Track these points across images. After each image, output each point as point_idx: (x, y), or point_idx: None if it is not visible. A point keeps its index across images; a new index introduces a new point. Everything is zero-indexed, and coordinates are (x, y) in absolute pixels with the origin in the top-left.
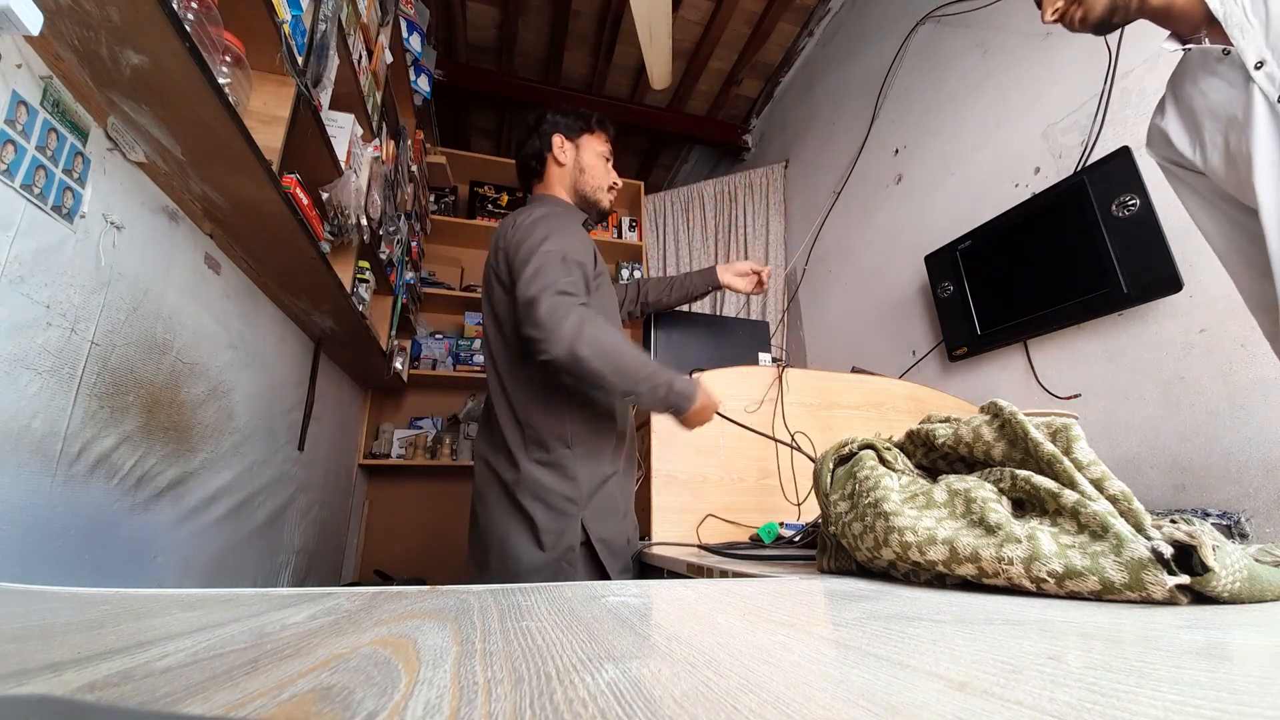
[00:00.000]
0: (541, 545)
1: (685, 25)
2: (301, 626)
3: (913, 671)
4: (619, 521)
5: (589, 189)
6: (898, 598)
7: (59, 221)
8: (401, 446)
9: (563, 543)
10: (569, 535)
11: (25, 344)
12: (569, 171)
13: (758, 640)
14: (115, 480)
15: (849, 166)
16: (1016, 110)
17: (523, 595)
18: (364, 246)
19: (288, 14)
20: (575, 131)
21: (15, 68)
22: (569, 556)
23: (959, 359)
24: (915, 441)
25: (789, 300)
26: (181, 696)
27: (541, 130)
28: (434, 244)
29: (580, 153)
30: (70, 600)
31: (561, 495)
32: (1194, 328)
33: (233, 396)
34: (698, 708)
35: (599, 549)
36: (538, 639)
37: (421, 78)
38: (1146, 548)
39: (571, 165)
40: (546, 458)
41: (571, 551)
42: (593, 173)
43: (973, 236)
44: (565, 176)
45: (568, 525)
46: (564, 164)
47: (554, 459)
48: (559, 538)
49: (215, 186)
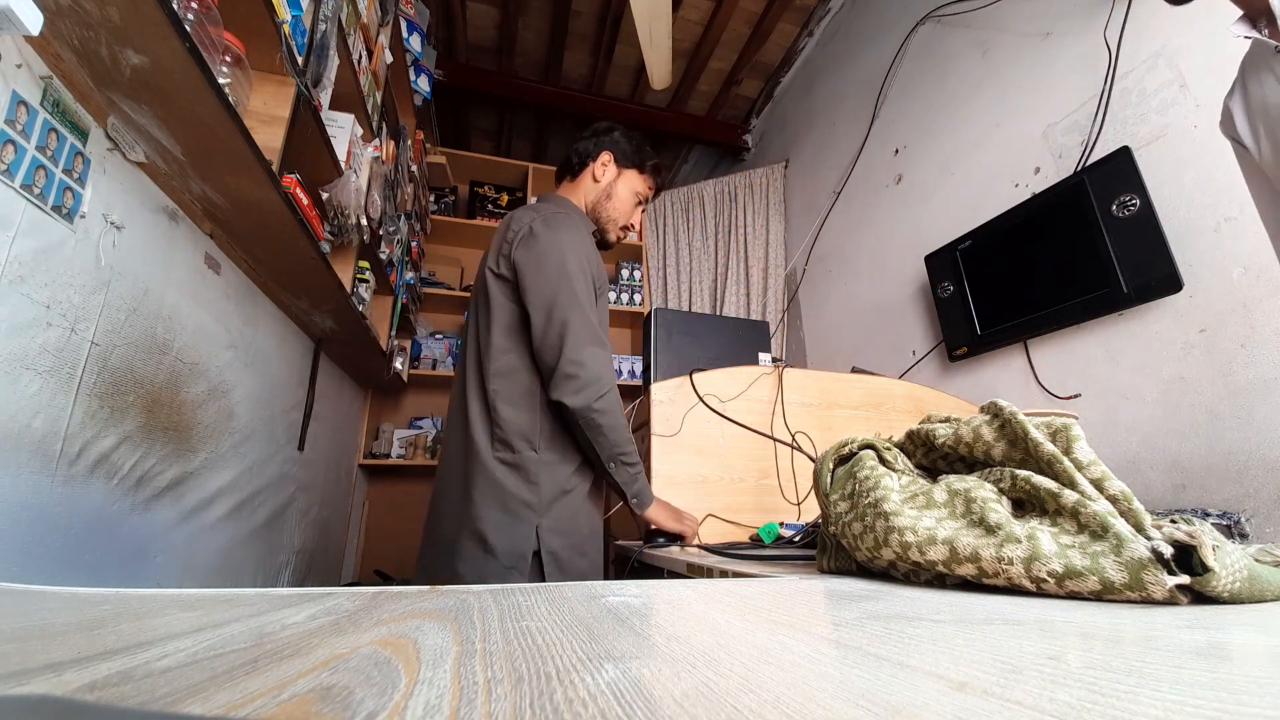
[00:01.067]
0: (491, 550)
1: (685, 25)
2: (301, 626)
3: (913, 671)
4: (577, 543)
5: (605, 217)
6: (898, 598)
7: (59, 221)
8: (401, 446)
9: (514, 549)
10: (521, 541)
11: (25, 344)
12: (599, 189)
13: (758, 640)
14: (115, 480)
15: (849, 166)
16: (1016, 110)
17: (523, 595)
18: (364, 246)
19: (288, 14)
20: (626, 160)
21: (15, 68)
22: (520, 565)
23: (959, 359)
24: (915, 441)
25: (789, 300)
26: (181, 696)
27: (600, 140)
28: (434, 244)
29: (618, 181)
30: (70, 600)
31: (519, 499)
32: (1194, 328)
33: (233, 396)
34: (698, 708)
35: (546, 561)
36: (538, 639)
37: (421, 78)
38: (1146, 548)
39: (604, 185)
40: (510, 458)
41: (523, 560)
42: (618, 204)
43: (973, 236)
44: (593, 192)
45: (520, 531)
46: (599, 180)
47: (518, 460)
48: (511, 543)
49: (215, 186)
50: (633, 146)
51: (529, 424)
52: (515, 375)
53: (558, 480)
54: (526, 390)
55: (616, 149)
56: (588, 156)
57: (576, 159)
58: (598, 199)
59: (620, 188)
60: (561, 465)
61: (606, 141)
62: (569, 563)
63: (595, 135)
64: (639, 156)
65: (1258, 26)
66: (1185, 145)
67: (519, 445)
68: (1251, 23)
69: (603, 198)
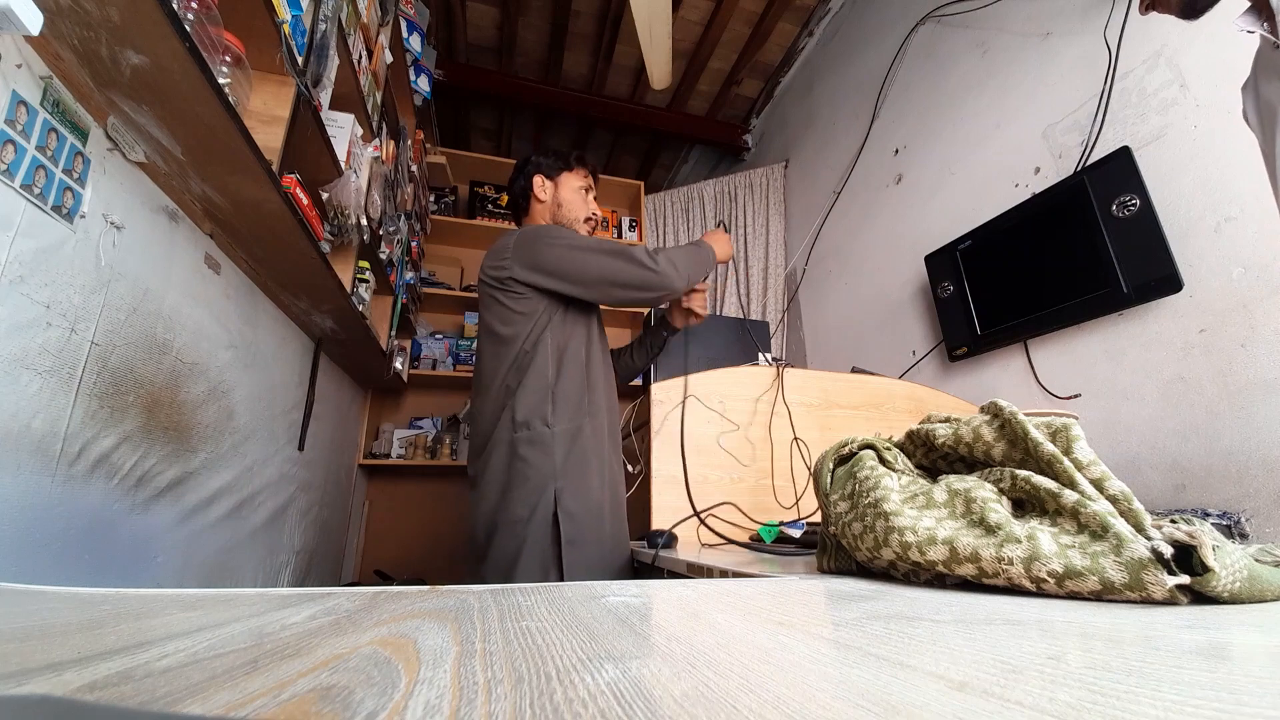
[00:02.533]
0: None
1: (685, 25)
2: (301, 626)
3: (913, 671)
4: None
5: (566, 222)
6: (898, 598)
7: (59, 221)
8: (401, 446)
9: (538, 513)
10: (543, 507)
11: (25, 344)
12: (549, 207)
13: (758, 640)
14: (115, 480)
15: (849, 166)
16: (1016, 110)
17: (523, 595)
18: (364, 246)
19: (288, 14)
20: (554, 171)
21: (15, 68)
22: (541, 527)
23: (959, 359)
24: (915, 441)
25: (789, 300)
26: (181, 696)
27: (525, 172)
28: (434, 244)
29: (559, 190)
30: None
31: (538, 470)
32: (1194, 328)
33: (233, 396)
34: (698, 708)
35: (562, 520)
36: (538, 639)
37: (421, 78)
38: (1146, 548)
39: (550, 201)
40: (528, 435)
41: (544, 523)
42: (570, 206)
43: (973, 236)
44: (546, 212)
45: (542, 497)
46: (544, 200)
47: (534, 436)
48: (534, 507)
49: (215, 186)
50: (551, 157)
51: (540, 405)
52: (524, 374)
53: (572, 448)
54: (540, 383)
55: (540, 169)
56: (526, 190)
57: (521, 198)
58: (553, 213)
59: (564, 193)
60: (572, 435)
61: (530, 169)
62: (585, 522)
63: (520, 171)
64: (560, 160)
65: (1260, 22)
66: (1185, 145)
67: (535, 424)
68: (1258, 14)
69: (555, 209)
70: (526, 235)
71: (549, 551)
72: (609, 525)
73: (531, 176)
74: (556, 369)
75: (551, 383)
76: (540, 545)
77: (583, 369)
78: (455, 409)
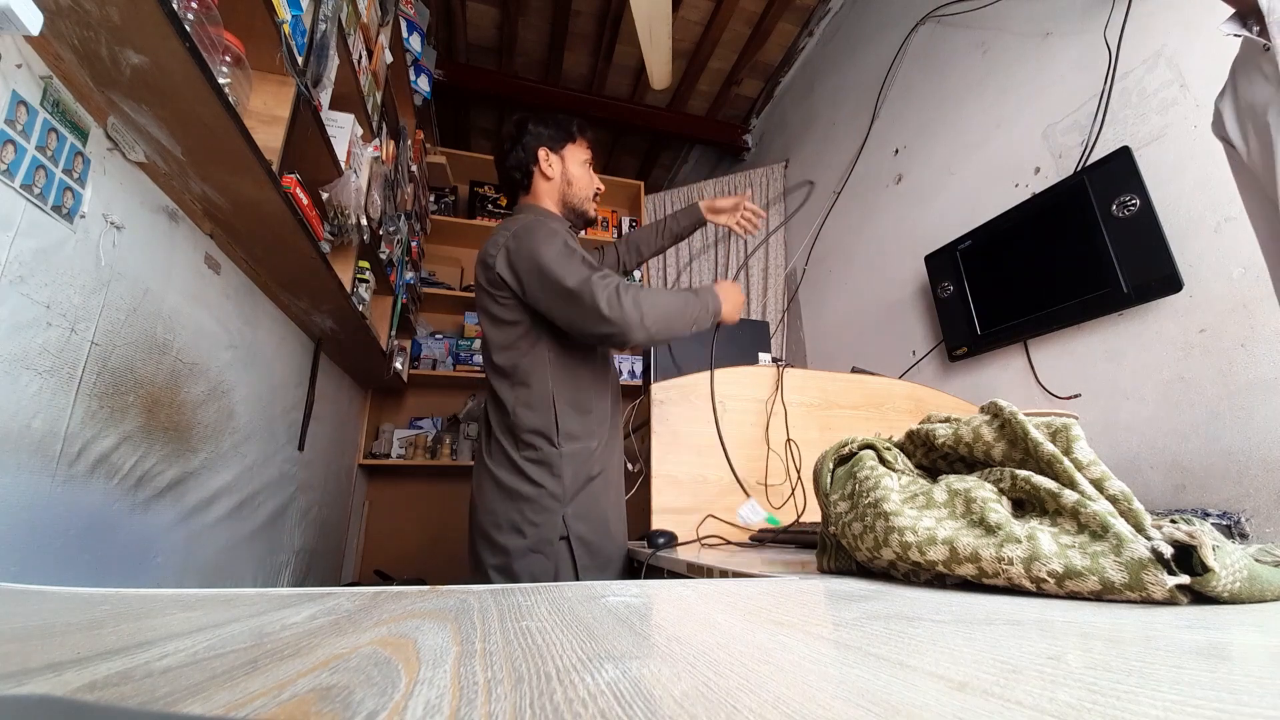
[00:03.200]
0: (523, 534)
1: (685, 25)
2: (301, 626)
3: (913, 671)
4: (602, 526)
5: (577, 200)
6: (898, 598)
7: (59, 221)
8: (401, 446)
9: (541, 535)
10: (548, 529)
11: (25, 344)
12: (557, 185)
13: (758, 640)
14: (115, 480)
15: (849, 166)
16: (1016, 110)
17: (523, 595)
18: (364, 246)
19: (288, 14)
20: (560, 143)
21: (15, 68)
22: (547, 549)
23: (959, 359)
24: (915, 441)
25: (789, 300)
26: (181, 696)
27: (525, 143)
28: (434, 244)
29: (566, 164)
30: (70, 600)
31: (547, 492)
32: (1194, 328)
33: (233, 396)
34: (698, 708)
35: (575, 546)
36: (538, 639)
37: (421, 78)
38: (1146, 548)
39: (559, 178)
40: (534, 455)
41: (549, 544)
42: (579, 184)
43: (973, 236)
44: (554, 190)
45: (548, 519)
46: (552, 178)
47: (541, 456)
48: (538, 530)
49: (215, 186)
50: (553, 126)
51: (545, 422)
52: (524, 378)
53: (579, 470)
54: (538, 392)
55: (545, 140)
56: (528, 164)
57: (519, 174)
58: (562, 192)
59: (571, 168)
60: (580, 456)
61: (531, 140)
62: (597, 545)
63: (518, 142)
64: (564, 131)
65: (1247, 25)
66: (1185, 145)
67: (539, 443)
68: (1242, 20)
69: (565, 187)
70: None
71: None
72: (614, 535)
73: (535, 149)
74: (558, 375)
75: (552, 392)
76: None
77: (584, 370)
78: (455, 409)
